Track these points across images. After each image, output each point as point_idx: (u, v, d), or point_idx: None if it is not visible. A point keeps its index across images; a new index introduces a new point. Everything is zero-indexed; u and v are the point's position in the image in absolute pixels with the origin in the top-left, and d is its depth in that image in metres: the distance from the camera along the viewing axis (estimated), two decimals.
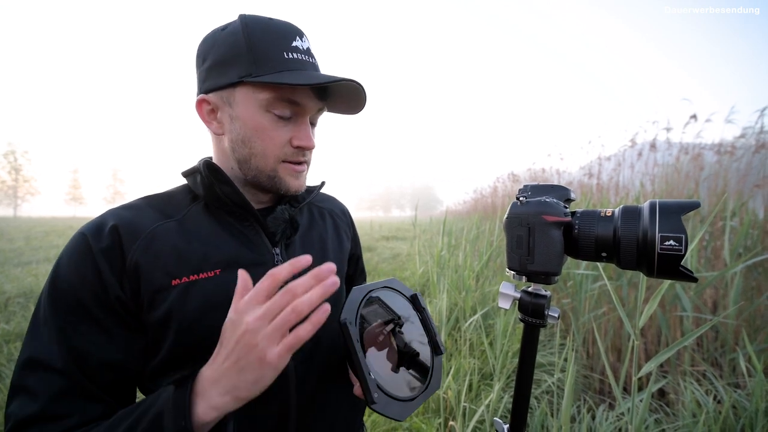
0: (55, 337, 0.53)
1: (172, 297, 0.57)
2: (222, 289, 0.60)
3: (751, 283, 2.64)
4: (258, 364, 0.46)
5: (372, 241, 13.33)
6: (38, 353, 0.52)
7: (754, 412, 1.57)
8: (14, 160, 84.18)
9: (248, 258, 0.65)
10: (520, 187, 0.62)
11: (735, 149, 3.41)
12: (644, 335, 2.73)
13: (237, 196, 0.64)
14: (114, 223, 0.58)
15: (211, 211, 0.66)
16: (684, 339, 0.96)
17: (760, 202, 2.96)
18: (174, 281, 0.58)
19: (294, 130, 0.64)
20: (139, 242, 0.58)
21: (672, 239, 0.45)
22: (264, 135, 0.62)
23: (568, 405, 1.19)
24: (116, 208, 0.62)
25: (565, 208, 0.54)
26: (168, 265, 0.59)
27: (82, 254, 0.56)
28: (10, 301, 4.71)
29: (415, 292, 0.69)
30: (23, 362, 0.53)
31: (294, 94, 0.61)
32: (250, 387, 0.47)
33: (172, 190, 0.70)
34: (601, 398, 2.37)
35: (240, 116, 0.62)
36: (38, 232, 17.25)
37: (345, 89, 0.64)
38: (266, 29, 0.61)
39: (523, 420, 0.60)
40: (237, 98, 0.62)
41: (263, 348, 0.46)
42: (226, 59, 0.61)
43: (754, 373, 1.69)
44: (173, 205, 0.66)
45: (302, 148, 0.65)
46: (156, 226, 0.61)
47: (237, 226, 0.66)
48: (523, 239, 0.55)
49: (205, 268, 0.60)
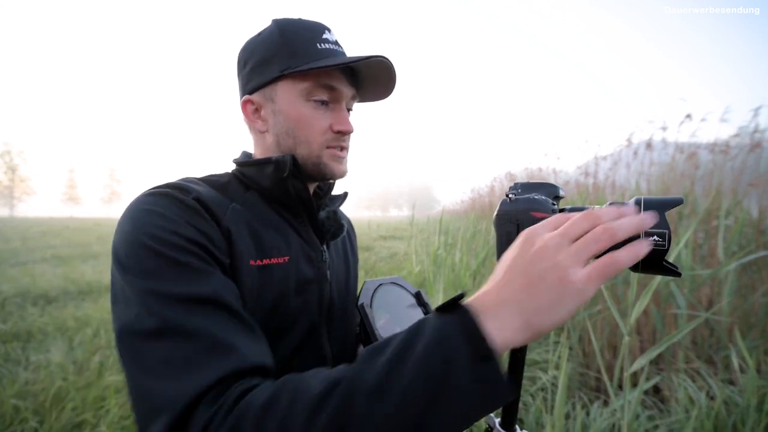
0: (190, 289, 0.46)
1: (246, 275, 0.57)
2: (289, 277, 0.63)
3: (745, 281, 2.66)
4: (558, 284, 0.37)
5: (370, 240, 13.33)
6: (174, 315, 0.44)
7: (746, 408, 1.59)
8: (10, 160, 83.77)
9: (306, 252, 0.68)
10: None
11: (730, 148, 3.43)
12: (640, 333, 2.75)
13: (306, 192, 0.67)
14: (195, 195, 0.56)
15: (268, 202, 0.68)
16: (674, 335, 0.98)
17: (755, 201, 2.98)
18: (251, 261, 0.59)
19: (332, 116, 0.67)
20: (227, 213, 0.59)
21: (656, 235, 0.46)
22: (306, 123, 0.66)
23: (562, 401, 1.20)
24: (182, 181, 0.60)
25: (553, 205, 0.55)
26: (249, 244, 0.59)
27: (178, 205, 0.53)
28: (7, 301, 4.70)
29: (419, 290, 0.76)
30: (154, 328, 0.44)
31: (331, 79, 0.65)
32: (547, 311, 0.37)
33: (221, 175, 0.70)
34: (597, 395, 2.39)
35: (282, 109, 0.66)
36: (35, 232, 17.19)
37: (377, 71, 0.68)
38: (298, 27, 0.66)
39: (514, 413, 0.61)
40: (278, 93, 0.66)
41: (565, 266, 0.37)
42: (266, 58, 0.65)
43: (746, 370, 1.71)
44: (231, 190, 0.66)
45: (342, 132, 0.68)
46: (229, 206, 0.61)
47: (291, 220, 0.69)
48: (513, 236, 0.55)
49: (277, 255, 0.63)
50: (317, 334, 0.68)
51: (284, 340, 0.63)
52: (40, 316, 4.20)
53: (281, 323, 0.63)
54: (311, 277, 0.68)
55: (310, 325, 0.67)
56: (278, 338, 0.62)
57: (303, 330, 0.66)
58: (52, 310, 4.41)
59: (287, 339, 0.64)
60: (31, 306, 4.55)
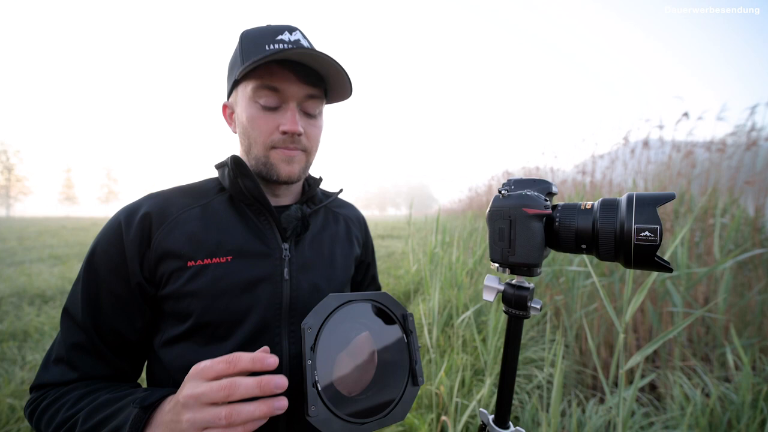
0: (83, 299, 0.63)
1: (186, 277, 0.64)
2: (230, 275, 0.66)
3: (741, 279, 2.67)
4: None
5: None
6: (71, 305, 0.63)
7: (741, 405, 1.60)
8: (6, 160, 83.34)
9: (258, 249, 0.69)
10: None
11: (726, 146, 3.44)
12: (636, 331, 2.75)
13: (257, 190, 0.69)
14: (147, 210, 0.66)
15: (234, 203, 0.73)
16: (670, 332, 0.98)
17: (751, 199, 2.99)
18: (189, 263, 0.65)
19: (281, 117, 0.68)
20: (165, 226, 0.66)
21: (647, 230, 0.45)
22: (254, 124, 0.68)
23: (558, 399, 1.20)
24: (154, 194, 0.72)
25: (546, 201, 0.55)
26: (186, 248, 0.65)
27: (114, 243, 0.64)
28: (3, 300, 4.68)
29: (408, 312, 0.64)
30: (64, 307, 0.64)
31: (272, 79, 0.66)
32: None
33: (205, 180, 0.78)
34: (593, 393, 2.40)
35: (239, 112, 0.71)
36: (31, 232, 17.11)
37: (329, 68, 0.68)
38: (257, 33, 0.68)
39: (507, 409, 0.61)
40: (238, 97, 0.70)
41: (184, 430, 0.47)
42: (230, 68, 0.72)
43: (742, 367, 1.72)
44: (202, 193, 0.73)
45: (287, 132, 0.67)
46: (181, 212, 0.68)
47: (253, 218, 0.72)
48: (505, 231, 0.56)
49: (218, 254, 0.66)
50: (272, 332, 0.67)
51: (232, 338, 0.65)
52: (37, 315, 4.19)
53: (225, 321, 0.65)
54: (263, 275, 0.68)
55: (260, 323, 0.66)
56: (224, 336, 0.65)
57: (253, 328, 0.66)
58: (48, 310, 4.40)
59: (235, 336, 0.65)
60: (28, 305, 4.54)
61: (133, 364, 0.69)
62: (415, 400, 0.65)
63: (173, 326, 0.65)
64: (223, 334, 0.65)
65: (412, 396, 0.59)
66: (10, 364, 2.85)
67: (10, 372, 2.69)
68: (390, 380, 0.58)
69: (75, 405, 0.57)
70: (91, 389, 0.60)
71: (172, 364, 0.64)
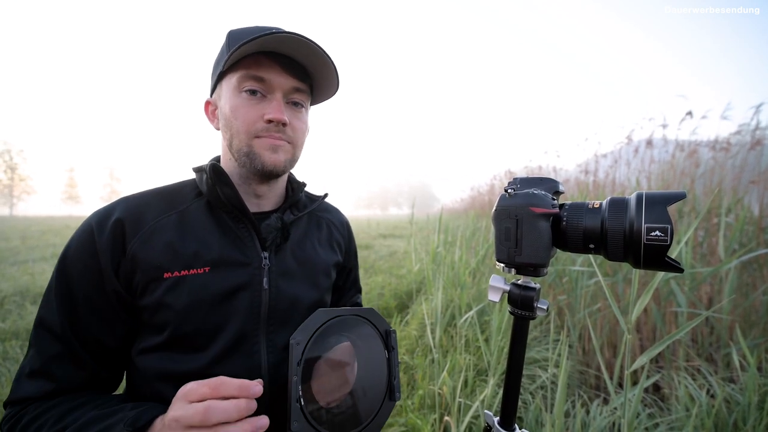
0: (58, 309, 0.61)
1: (162, 288, 0.62)
2: (207, 286, 0.64)
3: (746, 279, 2.65)
4: None
5: (369, 239, 13.33)
6: (47, 316, 0.61)
7: (747, 406, 1.58)
8: (10, 159, 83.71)
9: (236, 258, 0.68)
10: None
11: (730, 146, 3.42)
12: (640, 332, 2.74)
13: (236, 198, 0.68)
14: (119, 216, 0.64)
15: (212, 208, 0.71)
16: (675, 333, 0.96)
17: (755, 199, 2.96)
18: (166, 274, 0.63)
19: (266, 106, 0.67)
20: (140, 235, 0.64)
21: (658, 230, 0.44)
22: (237, 113, 0.67)
23: (562, 399, 1.19)
24: (128, 197, 0.69)
25: (553, 200, 0.54)
26: (162, 259, 0.63)
27: (87, 249, 0.62)
28: (6, 299, 4.69)
29: (391, 329, 0.66)
30: (37, 320, 0.62)
31: (258, 69, 0.66)
32: None
33: (182, 183, 0.76)
34: (597, 393, 2.38)
35: (222, 104, 0.70)
36: (34, 231, 17.17)
37: (321, 66, 0.68)
38: (244, 32, 0.67)
39: (513, 411, 0.60)
40: (222, 91, 0.70)
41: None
42: (215, 65, 0.71)
43: (747, 368, 1.70)
44: (180, 198, 0.71)
45: (272, 120, 0.66)
46: (157, 220, 0.66)
47: (232, 226, 0.70)
48: (511, 231, 0.55)
49: (195, 265, 0.65)
50: (249, 342, 0.66)
51: (209, 348, 0.64)
52: None
53: (203, 332, 0.64)
54: (241, 284, 0.67)
55: (238, 332, 0.66)
56: (202, 346, 0.64)
57: (231, 337, 0.65)
58: None
59: (213, 347, 0.64)
60: (30, 305, 4.54)
61: (114, 372, 0.67)
62: (389, 416, 0.68)
63: (150, 336, 0.64)
64: (201, 344, 0.64)
65: (388, 410, 0.62)
66: (13, 364, 2.85)
67: (12, 371, 2.70)
68: (369, 394, 0.60)
69: (59, 422, 0.55)
70: (75, 405, 0.58)
71: (150, 372, 0.63)
